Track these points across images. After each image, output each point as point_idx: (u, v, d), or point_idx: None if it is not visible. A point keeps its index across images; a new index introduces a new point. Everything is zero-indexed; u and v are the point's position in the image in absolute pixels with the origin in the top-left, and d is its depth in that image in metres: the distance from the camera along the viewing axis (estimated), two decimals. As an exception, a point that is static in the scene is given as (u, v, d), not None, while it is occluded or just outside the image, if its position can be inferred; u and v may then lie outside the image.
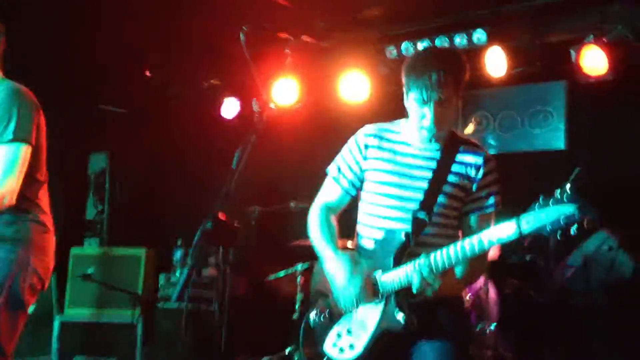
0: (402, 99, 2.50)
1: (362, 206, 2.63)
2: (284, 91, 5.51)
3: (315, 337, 2.65)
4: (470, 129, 5.54)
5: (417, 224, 2.43)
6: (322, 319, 2.63)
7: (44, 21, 4.97)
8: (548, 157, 5.45)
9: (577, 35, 4.49)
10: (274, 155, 5.86)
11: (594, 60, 4.40)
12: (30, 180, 2.87)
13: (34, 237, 2.85)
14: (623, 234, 4.84)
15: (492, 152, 4.88)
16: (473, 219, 2.50)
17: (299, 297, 4.75)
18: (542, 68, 4.93)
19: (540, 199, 2.09)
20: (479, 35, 4.64)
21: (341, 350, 2.50)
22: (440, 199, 2.46)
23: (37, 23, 4.92)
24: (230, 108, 6.11)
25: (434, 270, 2.25)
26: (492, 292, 4.89)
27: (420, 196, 2.46)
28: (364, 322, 2.45)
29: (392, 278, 2.38)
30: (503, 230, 2.16)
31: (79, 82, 5.97)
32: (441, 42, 4.80)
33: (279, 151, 5.77)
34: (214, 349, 5.30)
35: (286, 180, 5.99)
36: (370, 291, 2.43)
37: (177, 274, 5.78)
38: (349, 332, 2.50)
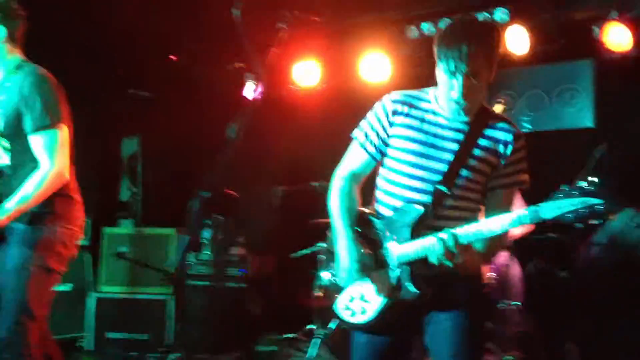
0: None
1: (383, 172, 2.60)
2: (306, 73, 5.64)
3: (328, 295, 2.67)
4: (499, 108, 5.56)
5: (438, 197, 2.42)
6: (334, 281, 2.62)
7: (72, 8, 5.17)
8: (576, 135, 5.43)
9: (601, 12, 4.47)
10: (299, 135, 5.99)
11: (618, 37, 4.38)
12: None
13: (60, 209, 3.05)
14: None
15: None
16: (498, 196, 2.49)
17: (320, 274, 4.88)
18: (569, 46, 4.91)
19: (567, 187, 2.12)
20: (501, 14, 4.66)
21: (353, 313, 2.53)
22: (465, 172, 2.43)
23: (65, 10, 5.14)
24: (253, 90, 6.19)
25: (459, 243, 2.26)
26: (516, 270, 4.92)
27: (443, 168, 2.43)
28: (378, 289, 2.47)
29: (409, 249, 2.39)
30: (525, 215, 2.19)
31: (108, 68, 6.19)
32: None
33: (303, 132, 5.88)
34: (242, 325, 5.49)
35: (310, 160, 6.07)
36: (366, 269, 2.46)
37: (206, 252, 5.98)
38: (361, 296, 2.52)
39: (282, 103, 6.16)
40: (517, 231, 4.95)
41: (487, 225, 2.26)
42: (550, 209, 2.12)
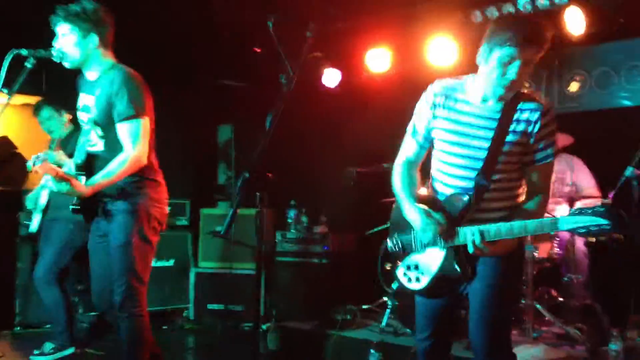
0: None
1: (433, 162, 3.00)
2: (378, 59, 6.15)
3: (391, 261, 3.16)
4: (574, 87, 5.85)
5: (479, 189, 2.78)
6: (396, 249, 3.10)
7: (162, 8, 5.91)
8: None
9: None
10: (371, 119, 6.50)
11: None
12: None
13: (150, 191, 3.63)
14: None
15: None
16: (534, 173, 2.82)
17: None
18: (629, 24, 5.09)
19: (582, 207, 2.52)
20: (559, -5, 4.94)
21: (409, 280, 3.02)
22: (502, 157, 2.77)
23: (156, 10, 5.88)
24: (331, 78, 6.83)
25: (485, 239, 2.68)
26: (580, 244, 5.22)
27: (482, 154, 2.78)
28: (429, 263, 2.94)
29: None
30: (546, 225, 2.60)
31: (202, 61, 6.97)
32: (524, 3, 5.18)
33: (375, 116, 6.38)
34: (322, 298, 6.15)
35: (381, 142, 6.56)
36: (444, 233, 2.84)
37: (292, 231, 6.70)
38: (416, 267, 2.99)
39: (356, 89, 6.73)
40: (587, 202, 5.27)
41: (513, 228, 2.65)
42: (567, 222, 2.54)
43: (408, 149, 3.10)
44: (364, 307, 6.00)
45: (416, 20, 5.94)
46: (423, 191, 3.11)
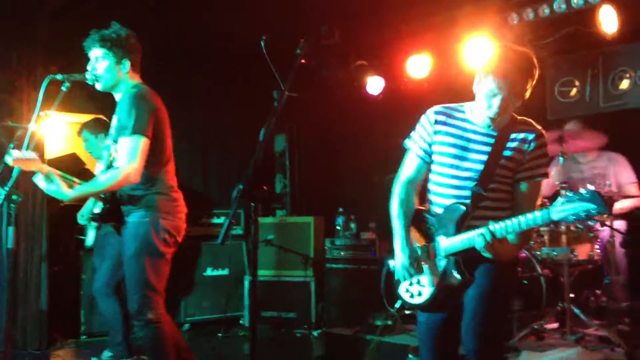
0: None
1: (430, 176, 3.21)
2: (418, 65, 6.38)
3: (392, 281, 3.33)
4: (625, 84, 5.90)
5: (475, 198, 3.01)
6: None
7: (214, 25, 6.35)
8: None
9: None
10: (413, 125, 6.73)
11: None
12: (154, 162, 3.77)
13: (160, 205, 3.80)
14: None
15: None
16: (524, 186, 3.06)
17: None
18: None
19: (570, 194, 2.67)
20: (592, -6, 5.03)
21: (412, 295, 3.20)
22: (497, 170, 3.01)
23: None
24: (375, 85, 7.09)
25: (495, 237, 2.82)
26: (617, 244, 5.25)
27: (479, 167, 3.03)
28: (430, 276, 3.12)
29: (454, 242, 3.00)
30: (540, 216, 2.75)
31: (255, 74, 7.37)
32: (558, 4, 5.32)
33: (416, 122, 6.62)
34: (371, 304, 6.36)
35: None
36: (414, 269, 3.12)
37: (341, 238, 6.97)
38: (418, 282, 3.17)
39: (399, 96, 6.95)
40: (626, 204, 5.36)
41: (514, 222, 2.81)
42: (557, 212, 2.70)
43: (409, 166, 3.29)
44: (407, 312, 6.17)
45: (454, 25, 6.10)
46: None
